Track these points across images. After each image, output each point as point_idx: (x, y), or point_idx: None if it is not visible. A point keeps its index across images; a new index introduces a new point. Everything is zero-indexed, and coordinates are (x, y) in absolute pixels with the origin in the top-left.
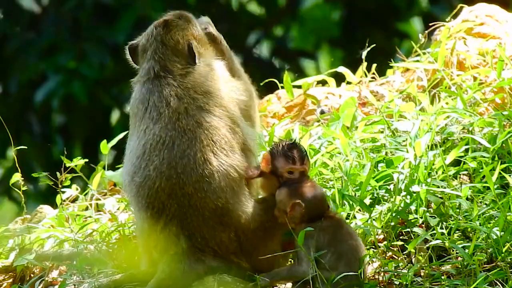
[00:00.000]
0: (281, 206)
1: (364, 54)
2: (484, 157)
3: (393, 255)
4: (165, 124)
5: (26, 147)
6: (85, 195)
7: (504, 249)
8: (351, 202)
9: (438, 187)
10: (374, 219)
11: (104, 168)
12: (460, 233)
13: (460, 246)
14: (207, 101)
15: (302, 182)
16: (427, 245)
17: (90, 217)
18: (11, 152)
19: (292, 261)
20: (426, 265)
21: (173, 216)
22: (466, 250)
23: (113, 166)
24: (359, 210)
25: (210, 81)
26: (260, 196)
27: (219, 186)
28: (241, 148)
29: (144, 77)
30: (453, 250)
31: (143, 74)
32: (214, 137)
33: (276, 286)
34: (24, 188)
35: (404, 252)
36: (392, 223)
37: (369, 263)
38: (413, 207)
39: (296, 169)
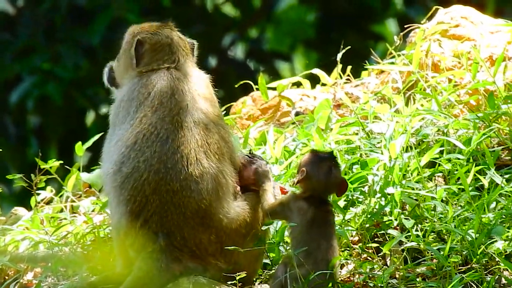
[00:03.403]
0: (298, 168)
1: (339, 56)
2: (459, 159)
3: (368, 257)
4: (163, 115)
5: (0, 149)
6: (60, 197)
7: (479, 251)
8: None
9: (413, 189)
10: (348, 221)
11: (79, 169)
12: (435, 235)
13: (435, 248)
14: (206, 105)
15: (331, 162)
16: (402, 247)
17: (65, 219)
18: None
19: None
20: (401, 267)
21: (154, 212)
22: (441, 252)
23: (88, 168)
24: (334, 212)
25: (209, 88)
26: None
27: (206, 187)
28: (229, 158)
29: (153, 68)
30: (428, 252)
31: (155, 65)
32: (208, 139)
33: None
34: None
35: (379, 254)
36: (367, 225)
37: (344, 265)
38: (388, 209)
39: None
